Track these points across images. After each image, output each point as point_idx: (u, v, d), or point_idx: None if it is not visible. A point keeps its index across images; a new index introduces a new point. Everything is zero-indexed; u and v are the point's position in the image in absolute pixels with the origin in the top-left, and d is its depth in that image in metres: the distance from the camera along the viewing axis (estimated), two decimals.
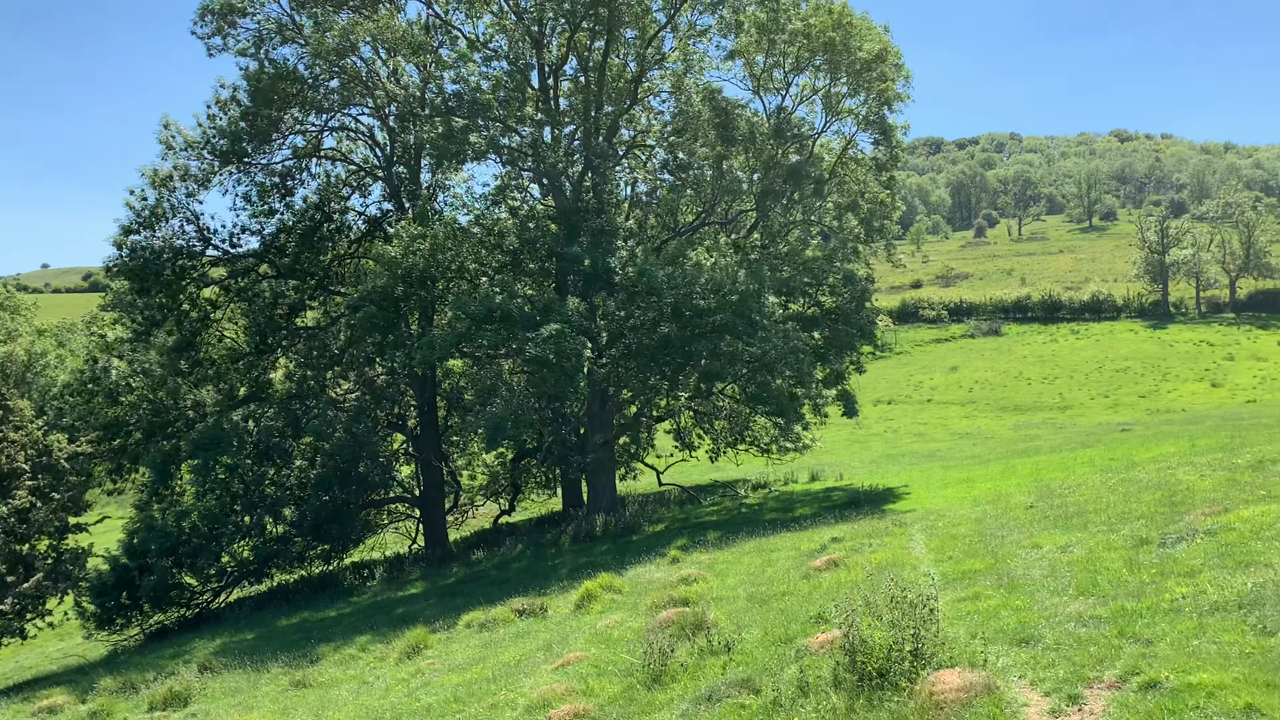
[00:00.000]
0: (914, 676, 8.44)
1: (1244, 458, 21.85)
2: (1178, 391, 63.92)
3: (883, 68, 37.38)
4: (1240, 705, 7.20)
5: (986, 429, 56.17)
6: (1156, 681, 7.98)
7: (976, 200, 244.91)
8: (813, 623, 12.20)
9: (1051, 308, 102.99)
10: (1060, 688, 8.33)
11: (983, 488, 28.80)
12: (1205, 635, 8.99)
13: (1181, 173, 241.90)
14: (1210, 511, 15.31)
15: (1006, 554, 15.21)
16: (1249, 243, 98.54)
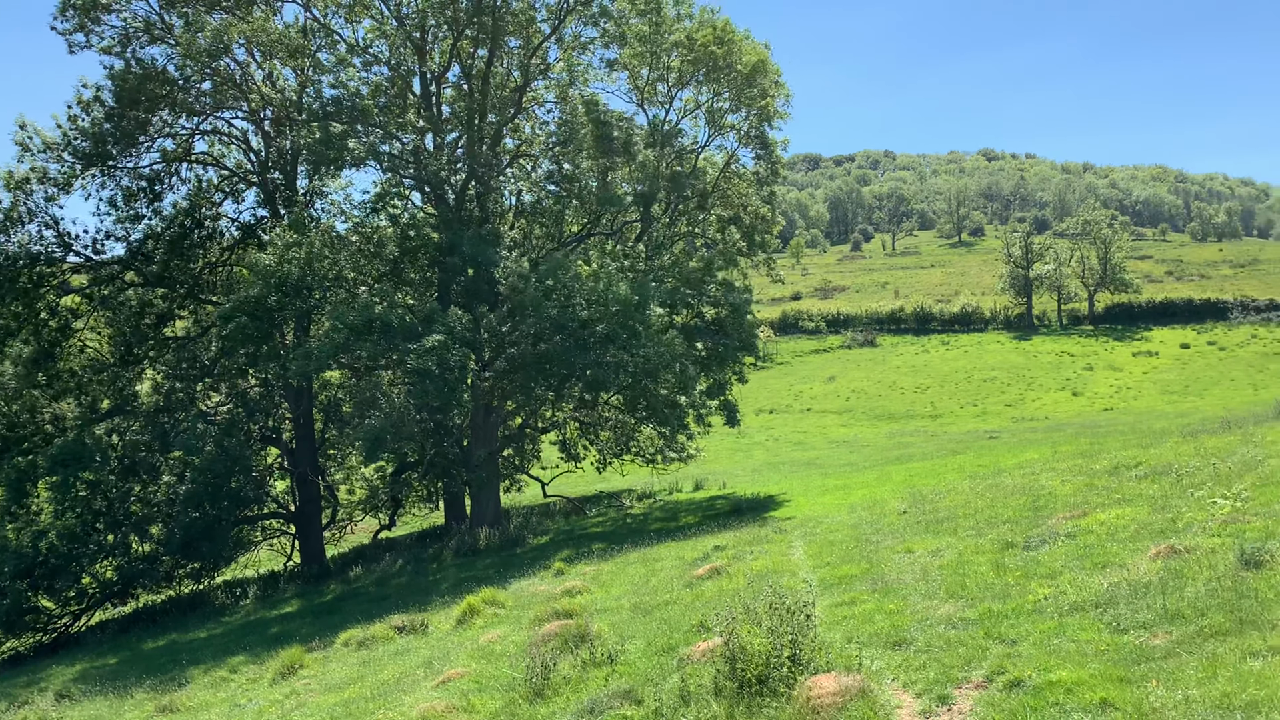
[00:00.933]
0: (792, 682, 8.58)
1: (1101, 463, 23.02)
2: (1041, 400, 66.96)
3: (763, 84, 38.22)
4: (1096, 700, 7.55)
5: (863, 437, 57.75)
6: (1020, 680, 8.31)
7: (853, 215, 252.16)
8: (695, 631, 12.29)
9: (924, 319, 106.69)
10: (931, 689, 8.59)
11: (859, 494, 29.58)
12: (1065, 634, 9.41)
13: (1044, 191, 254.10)
14: (1070, 515, 16.07)
15: (881, 559, 15.64)
16: (1106, 258, 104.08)
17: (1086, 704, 7.54)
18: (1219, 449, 21.13)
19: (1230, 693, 7.18)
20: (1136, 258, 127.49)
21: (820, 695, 8.01)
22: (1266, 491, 14.74)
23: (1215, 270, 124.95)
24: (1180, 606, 9.47)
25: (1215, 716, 6.88)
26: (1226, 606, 9.15)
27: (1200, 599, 9.57)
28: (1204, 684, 7.46)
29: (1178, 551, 11.71)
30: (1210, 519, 13.30)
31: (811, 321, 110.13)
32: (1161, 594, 10.00)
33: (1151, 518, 14.50)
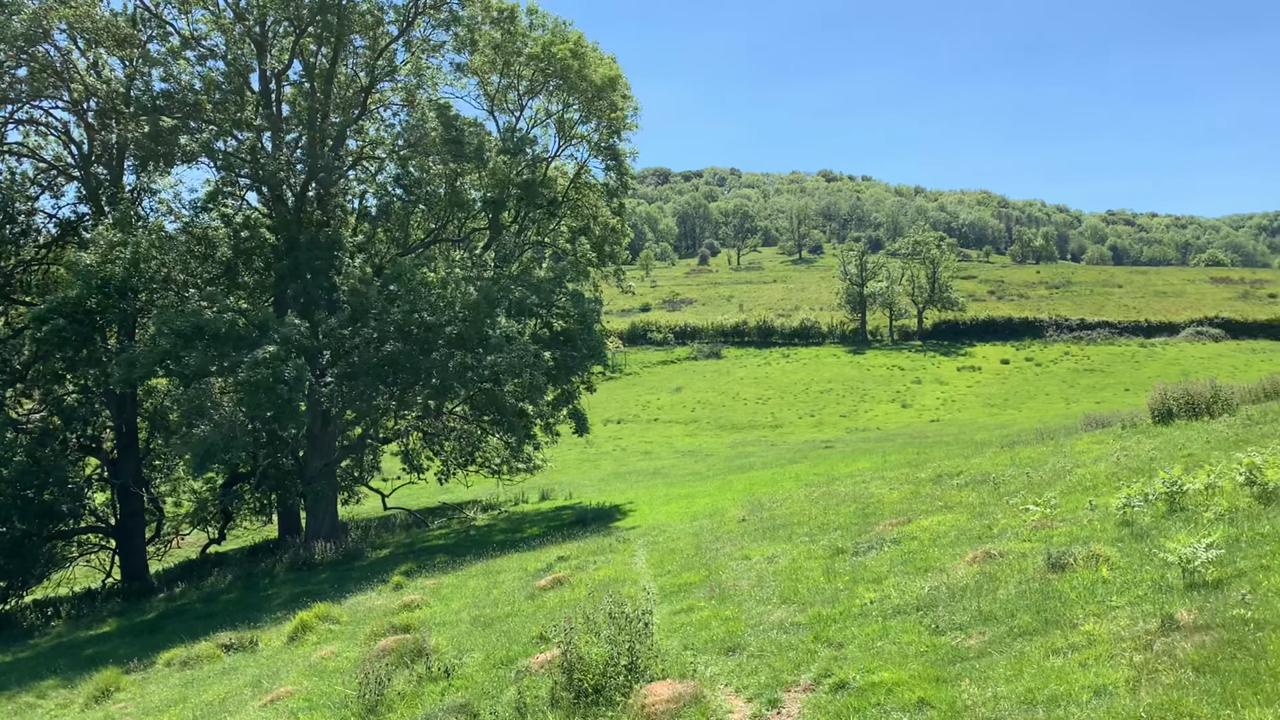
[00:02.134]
0: (628, 690, 8.66)
1: (926, 472, 24.20)
2: (873, 411, 69.83)
3: (613, 96, 38.58)
4: (914, 700, 7.93)
5: (707, 446, 58.85)
6: (845, 682, 8.65)
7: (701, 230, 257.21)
8: (535, 643, 12.26)
9: (766, 333, 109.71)
10: (762, 693, 8.83)
11: (702, 503, 30.11)
12: (888, 636, 9.84)
13: (879, 212, 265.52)
14: (896, 522, 16.82)
15: (720, 566, 15.97)
16: (934, 278, 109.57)
17: (905, 703, 7.91)
18: (1033, 459, 22.55)
19: (1034, 689, 7.67)
20: (962, 278, 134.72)
21: (655, 703, 8.11)
22: (1073, 499, 15.81)
23: (1033, 291, 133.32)
24: (993, 608, 10.04)
25: (1020, 712, 7.33)
26: (1034, 607, 9.77)
27: (1011, 601, 10.18)
28: (1011, 681, 7.94)
29: (993, 556, 12.42)
30: (1023, 525, 14.16)
31: (660, 333, 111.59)
32: (977, 597, 10.59)
33: (970, 524, 15.33)
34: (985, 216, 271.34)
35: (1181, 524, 12.02)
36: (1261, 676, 6.90)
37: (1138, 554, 10.90)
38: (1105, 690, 7.36)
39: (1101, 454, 20.57)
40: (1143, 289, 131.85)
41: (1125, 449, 20.46)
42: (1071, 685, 7.57)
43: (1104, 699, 7.20)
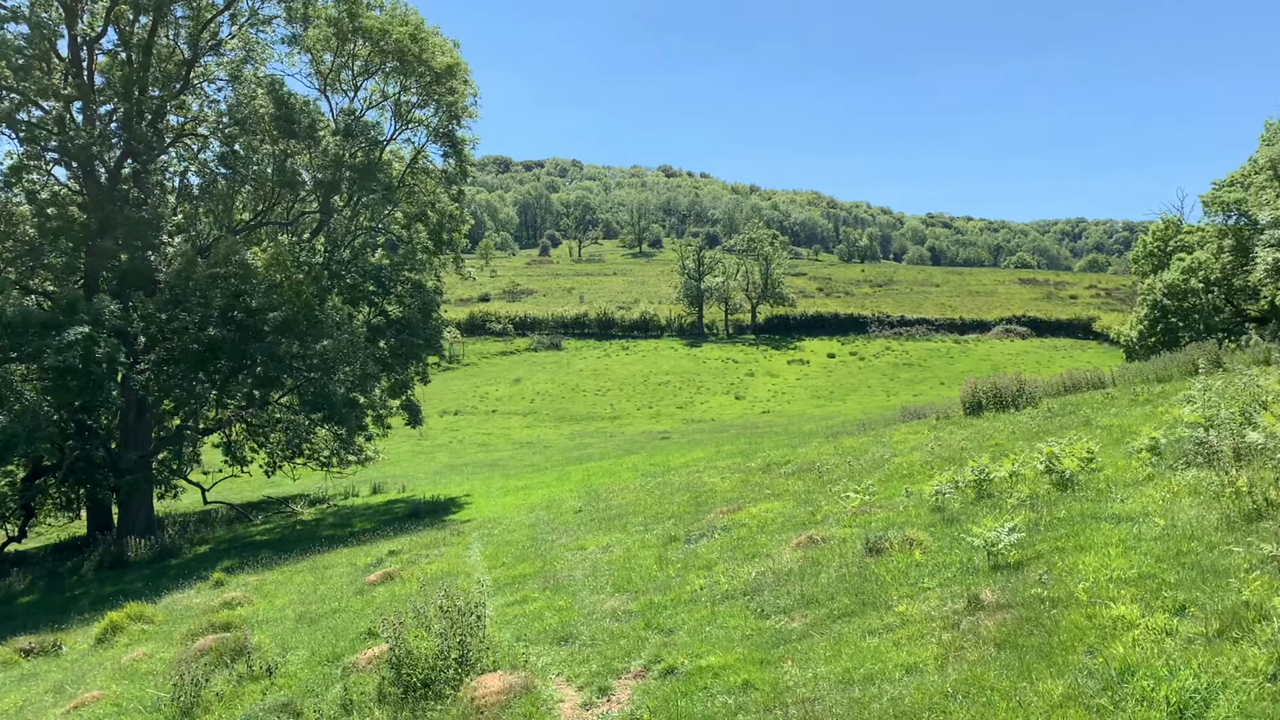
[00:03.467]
0: (458, 684, 8.58)
1: (756, 461, 24.94)
2: (709, 403, 71.37)
3: (453, 82, 37.88)
4: (739, 682, 8.17)
5: (546, 438, 58.77)
6: (674, 667, 8.83)
7: (542, 220, 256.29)
8: (363, 639, 11.97)
9: (606, 325, 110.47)
10: (593, 681, 8.91)
11: (540, 494, 30.07)
12: (716, 622, 10.10)
13: (716, 209, 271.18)
14: (727, 510, 17.26)
15: (555, 557, 16.01)
16: (767, 274, 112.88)
17: (731, 686, 8.14)
18: (855, 449, 23.56)
19: (851, 668, 8.03)
20: (793, 274, 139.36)
21: (485, 695, 8.06)
22: (890, 486, 16.62)
23: (858, 289, 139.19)
24: (815, 592, 10.45)
25: (838, 691, 7.66)
26: (853, 590, 10.22)
27: (832, 584, 10.62)
28: (831, 661, 8.29)
29: (816, 542, 12.92)
30: (844, 511, 14.79)
31: (499, 324, 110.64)
32: (800, 581, 10.99)
33: (796, 511, 15.90)
34: (815, 216, 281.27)
35: (988, 509, 12.81)
36: (1054, 651, 7.44)
37: (948, 538, 11.55)
38: (916, 668, 7.78)
39: (917, 444, 21.68)
40: (958, 288, 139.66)
41: (939, 439, 21.63)
42: (886, 664, 7.97)
43: (915, 676, 7.61)
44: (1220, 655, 6.67)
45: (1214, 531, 9.72)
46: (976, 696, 6.91)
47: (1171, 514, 10.77)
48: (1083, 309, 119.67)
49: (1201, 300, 49.23)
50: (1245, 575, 7.92)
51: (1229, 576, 8.13)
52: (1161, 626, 7.44)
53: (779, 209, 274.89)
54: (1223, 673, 6.38)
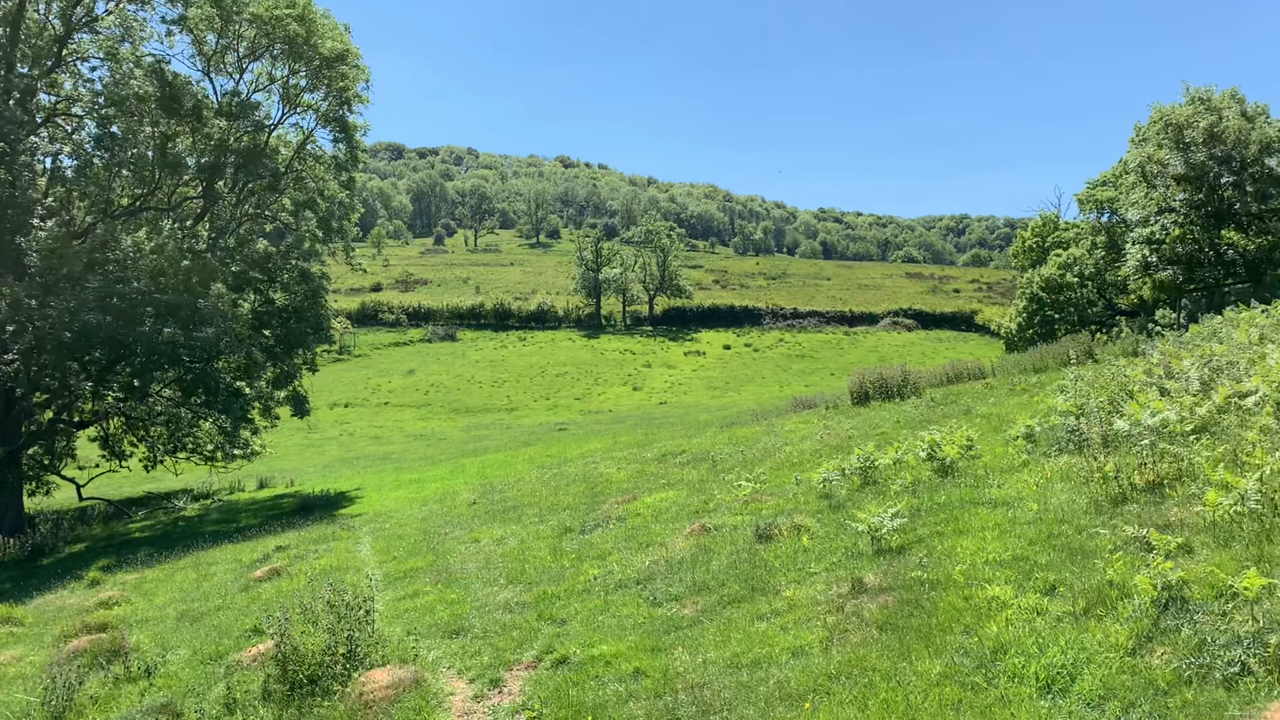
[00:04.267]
0: (346, 679, 8.43)
1: (652, 451, 25.14)
2: (606, 394, 71.54)
3: (344, 67, 36.95)
4: (631, 670, 8.24)
5: (440, 430, 58.04)
6: (566, 657, 8.85)
7: (436, 209, 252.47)
8: (247, 636, 11.65)
9: (503, 316, 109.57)
10: (484, 673, 8.87)
11: (433, 487, 29.69)
12: (609, 611, 10.15)
13: (614, 200, 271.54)
14: (622, 500, 17.36)
15: (448, 550, 15.85)
16: (664, 266, 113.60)
17: (623, 674, 8.20)
18: (748, 438, 23.95)
19: (740, 653, 8.18)
20: (690, 266, 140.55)
21: (373, 689, 7.95)
22: (781, 474, 16.96)
23: (753, 281, 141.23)
24: (706, 579, 10.60)
25: (727, 675, 7.79)
26: (743, 577, 10.40)
27: (723, 571, 10.79)
28: (720, 647, 8.42)
29: (708, 530, 13.10)
30: (735, 499, 15.03)
31: (392, 314, 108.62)
32: (692, 569, 11.13)
33: (689, 500, 16.09)
34: (712, 209, 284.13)
35: (873, 496, 13.19)
36: (933, 631, 7.71)
37: (834, 524, 11.85)
38: (802, 651, 7.97)
39: (807, 433, 22.16)
40: (848, 282, 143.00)
41: (828, 428, 22.14)
42: (773, 648, 8.14)
43: (801, 659, 7.80)
44: (1086, 632, 7.01)
45: (1083, 515, 10.21)
46: (859, 677, 7.12)
47: (1044, 499, 11.26)
48: (966, 302, 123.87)
49: (1076, 294, 51.48)
50: (1110, 556, 8.33)
51: (1095, 557, 8.55)
52: (1033, 606, 7.78)
53: (676, 201, 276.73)
54: (1088, 648, 6.72)
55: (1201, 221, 39.30)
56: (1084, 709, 5.90)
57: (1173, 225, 40.18)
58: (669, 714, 7.19)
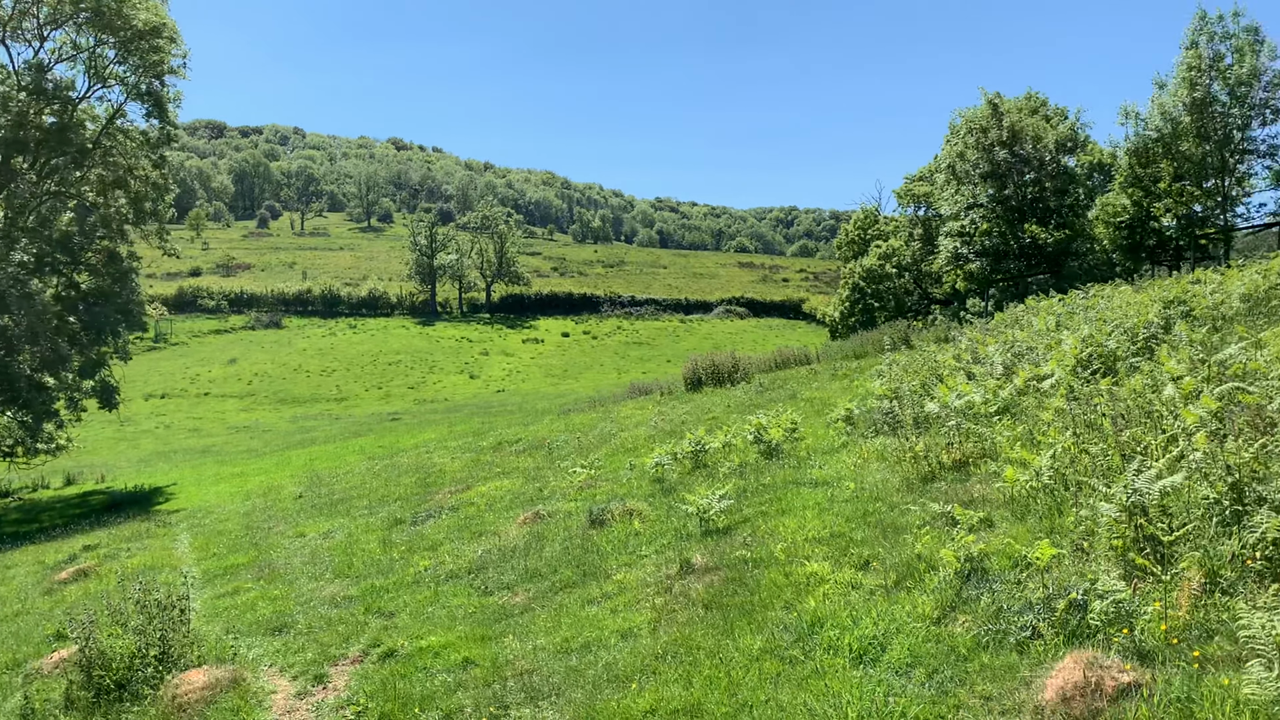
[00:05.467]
0: (158, 682, 8.03)
1: (488, 440, 24.93)
2: (442, 383, 70.38)
3: (158, 40, 34.85)
4: (460, 660, 8.18)
5: (265, 422, 55.75)
6: (394, 650, 8.70)
7: (260, 191, 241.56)
8: (49, 642, 10.92)
9: (331, 302, 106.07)
10: (308, 670, 8.62)
11: (256, 481, 28.53)
12: (439, 602, 10.04)
13: (450, 184, 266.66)
14: (456, 490, 17.18)
15: (271, 545, 15.29)
16: (502, 252, 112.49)
17: (452, 664, 8.13)
18: (584, 425, 24.09)
19: (570, 637, 8.24)
20: (528, 254, 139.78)
21: (188, 691, 7.60)
22: (616, 459, 17.14)
23: (591, 269, 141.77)
24: (539, 566, 10.63)
25: (556, 660, 7.84)
26: (575, 562, 10.47)
27: (556, 557, 10.84)
28: (551, 632, 8.47)
29: (542, 517, 13.12)
30: (570, 486, 15.10)
31: (212, 300, 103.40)
32: (525, 556, 11.13)
33: (524, 488, 16.07)
34: (550, 196, 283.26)
35: (703, 479, 13.51)
36: (755, 608, 7.98)
37: (665, 507, 12.08)
38: (631, 633, 8.10)
39: (642, 419, 22.48)
40: (684, 270, 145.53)
41: (662, 413, 22.53)
42: (603, 631, 8.24)
43: (629, 641, 7.93)
44: (896, 604, 7.41)
45: (895, 493, 10.77)
46: (684, 656, 7.30)
47: (861, 478, 11.81)
48: (794, 291, 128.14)
49: (895, 284, 54.07)
50: (919, 531, 8.82)
51: (906, 533, 9.03)
52: (848, 580, 8.17)
53: (514, 187, 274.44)
54: (897, 619, 7.10)
55: (1006, 216, 41.94)
56: (893, 677, 6.23)
57: (981, 219, 42.73)
58: (497, 701, 7.18)
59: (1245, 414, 7.79)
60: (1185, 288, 16.56)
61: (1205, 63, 37.45)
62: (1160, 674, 5.21)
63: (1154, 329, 13.78)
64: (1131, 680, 5.23)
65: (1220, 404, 8.38)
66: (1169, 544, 6.49)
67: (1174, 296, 15.39)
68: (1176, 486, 7.09)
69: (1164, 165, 38.58)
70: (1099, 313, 17.19)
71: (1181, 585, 6.16)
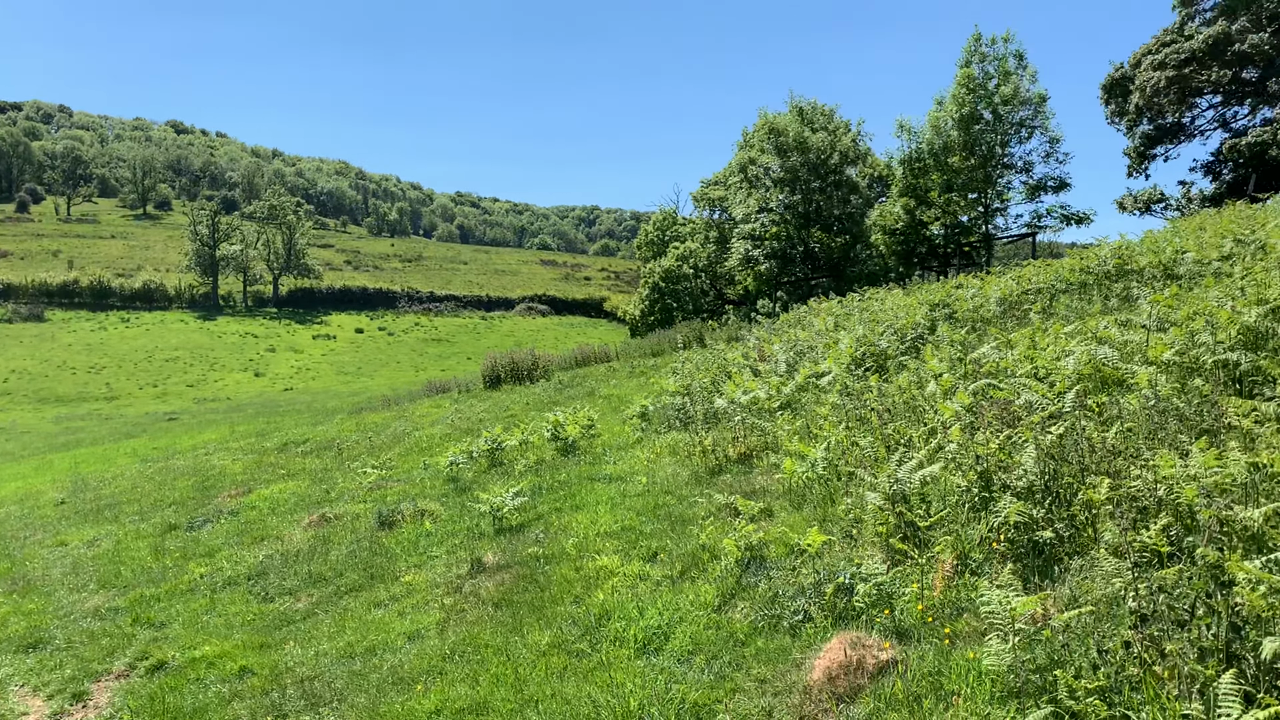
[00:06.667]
0: None
1: (273, 440, 23.87)
2: (224, 381, 66.75)
3: None
4: (236, 669, 7.82)
5: (24, 423, 51.16)
6: (164, 662, 8.22)
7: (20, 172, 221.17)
8: None
9: (102, 294, 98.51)
10: (66, 687, 8.02)
11: (12, 487, 26.15)
12: (215, 610, 9.55)
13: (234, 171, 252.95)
14: (237, 493, 16.36)
15: (28, 556, 14.08)
16: (291, 244, 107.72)
17: (227, 674, 7.77)
18: (378, 424, 23.48)
19: (355, 642, 8.04)
20: (320, 246, 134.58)
21: None
22: (409, 459, 16.82)
23: (388, 263, 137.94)
24: (324, 570, 10.29)
25: (340, 665, 7.63)
26: (362, 565, 10.21)
27: (342, 560, 10.53)
28: (334, 638, 8.22)
29: (329, 519, 12.71)
30: (360, 487, 14.69)
31: None
32: (309, 560, 10.76)
33: (311, 490, 15.51)
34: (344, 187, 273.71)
35: (498, 477, 13.47)
36: (545, 604, 8.04)
37: (459, 506, 11.97)
38: (419, 634, 7.98)
39: (439, 417, 22.15)
40: (485, 267, 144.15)
41: (459, 411, 22.27)
42: (390, 634, 8.08)
43: (416, 642, 7.81)
44: (681, 594, 7.64)
45: (685, 486, 11.10)
46: (472, 655, 7.26)
47: (653, 472, 12.10)
48: (596, 289, 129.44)
49: (692, 284, 55.58)
50: (704, 522, 9.13)
51: (693, 524, 9.33)
52: (637, 573, 8.35)
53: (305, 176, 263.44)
54: (681, 608, 7.32)
55: (795, 221, 43.92)
56: (675, 664, 6.43)
57: (771, 223, 44.56)
58: (275, 710, 6.91)
59: (994, 408, 8.51)
60: (949, 291, 17.85)
61: (976, 82, 40.52)
62: (915, 650, 5.62)
63: (921, 330, 14.80)
64: (890, 658, 5.62)
65: (974, 399, 9.11)
66: (926, 529, 7.00)
67: (939, 300, 16.57)
68: (935, 476, 7.66)
69: (934, 177, 41.47)
70: (873, 314, 18.29)
71: (937, 567, 6.66)
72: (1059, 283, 15.16)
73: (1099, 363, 8.63)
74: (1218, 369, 7.95)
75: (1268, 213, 15.94)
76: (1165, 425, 7.05)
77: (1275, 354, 8.00)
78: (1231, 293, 9.80)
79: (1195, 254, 13.66)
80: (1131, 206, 42.38)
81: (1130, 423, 7.17)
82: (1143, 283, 13.14)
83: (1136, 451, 6.64)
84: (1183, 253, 14.15)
